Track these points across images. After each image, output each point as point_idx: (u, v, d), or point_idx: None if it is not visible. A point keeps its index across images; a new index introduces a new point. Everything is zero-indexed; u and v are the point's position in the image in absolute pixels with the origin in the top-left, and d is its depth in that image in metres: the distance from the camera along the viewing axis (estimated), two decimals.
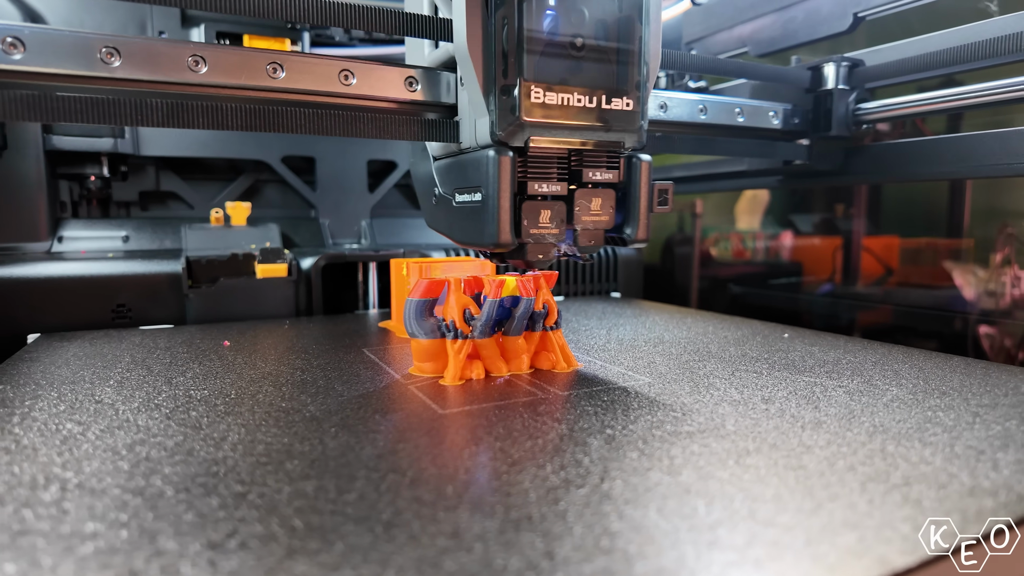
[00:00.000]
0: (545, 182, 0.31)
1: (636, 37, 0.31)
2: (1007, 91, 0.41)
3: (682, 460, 0.22)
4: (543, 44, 0.29)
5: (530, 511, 0.18)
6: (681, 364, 0.36)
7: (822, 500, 0.19)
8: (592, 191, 0.32)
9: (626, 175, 0.33)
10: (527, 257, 0.30)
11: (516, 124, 0.29)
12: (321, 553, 0.16)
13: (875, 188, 0.65)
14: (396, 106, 0.34)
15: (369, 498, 0.19)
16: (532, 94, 0.29)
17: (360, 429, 0.25)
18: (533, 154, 0.30)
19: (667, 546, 0.16)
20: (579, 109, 0.30)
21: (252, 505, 0.19)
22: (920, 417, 0.27)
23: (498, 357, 0.34)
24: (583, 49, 0.30)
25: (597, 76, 0.30)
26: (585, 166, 0.32)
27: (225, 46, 0.32)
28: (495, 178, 0.29)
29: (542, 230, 0.30)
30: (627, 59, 0.31)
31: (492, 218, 0.29)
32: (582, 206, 0.31)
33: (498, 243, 0.30)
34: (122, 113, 0.30)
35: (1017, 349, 0.54)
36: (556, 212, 0.31)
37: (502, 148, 0.30)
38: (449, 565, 0.15)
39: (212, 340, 0.43)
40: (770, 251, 0.78)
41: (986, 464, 0.22)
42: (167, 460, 0.22)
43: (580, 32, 0.30)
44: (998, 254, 0.56)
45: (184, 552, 0.16)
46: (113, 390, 0.31)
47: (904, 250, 0.63)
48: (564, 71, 0.30)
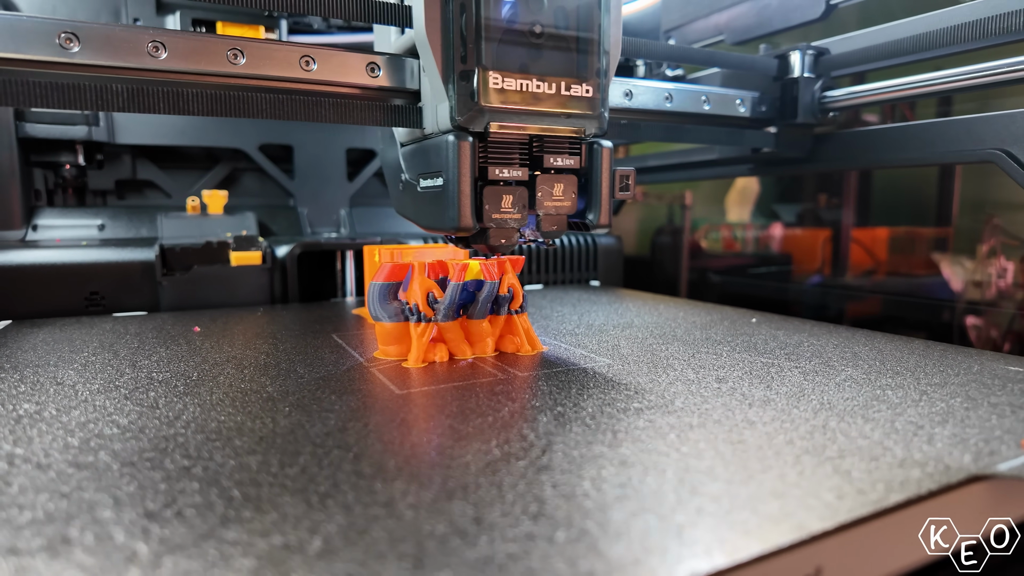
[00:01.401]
0: (506, 167, 0.31)
1: (596, 24, 0.31)
2: (970, 77, 0.41)
3: (625, 435, 0.22)
4: (502, 31, 0.29)
5: (467, 481, 0.19)
6: (644, 347, 0.37)
7: (754, 471, 0.19)
8: (554, 177, 0.32)
9: (588, 161, 0.33)
10: (490, 242, 0.31)
11: (475, 110, 0.29)
12: (253, 521, 0.16)
13: (864, 179, 0.66)
14: (359, 92, 0.34)
15: (310, 472, 0.19)
16: (491, 80, 0.29)
17: (314, 408, 0.25)
18: (494, 139, 0.31)
19: (593, 513, 0.17)
20: (539, 96, 0.30)
21: (195, 478, 0.19)
22: (869, 395, 0.27)
23: (462, 340, 0.35)
24: (543, 36, 0.30)
25: (557, 63, 0.31)
26: (546, 152, 0.32)
27: (185, 32, 0.32)
28: (455, 163, 0.29)
29: (504, 215, 0.31)
30: (587, 46, 0.31)
31: (452, 203, 0.30)
32: (544, 191, 0.32)
33: (459, 227, 0.30)
34: (82, 98, 0.30)
35: (1003, 339, 0.55)
36: (518, 197, 0.31)
37: (462, 133, 0.30)
38: (377, 532, 0.16)
39: (183, 326, 0.43)
40: (759, 242, 0.79)
41: (922, 438, 0.22)
42: (118, 437, 0.22)
43: (539, 19, 0.30)
44: (984, 245, 0.56)
45: (119, 520, 0.16)
46: (76, 372, 0.31)
47: (893, 240, 0.64)
48: (523, 58, 0.30)
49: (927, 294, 0.59)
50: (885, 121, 0.60)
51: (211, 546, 0.15)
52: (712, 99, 0.48)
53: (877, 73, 0.53)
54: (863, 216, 0.67)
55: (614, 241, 0.75)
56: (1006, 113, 0.41)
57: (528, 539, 0.15)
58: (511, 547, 0.15)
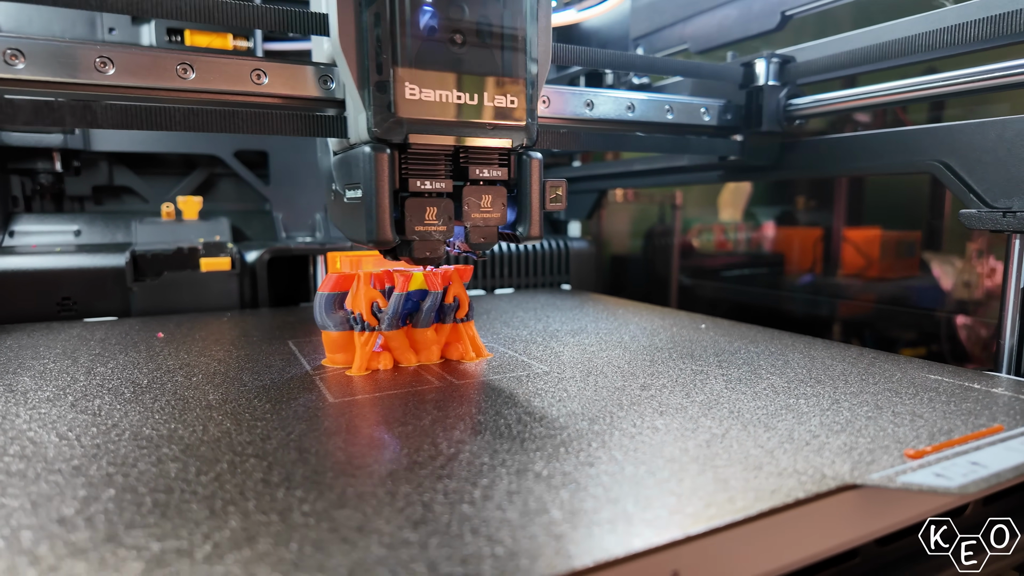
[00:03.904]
0: (429, 179, 0.31)
1: (521, 33, 0.31)
2: (931, 87, 0.42)
3: (531, 443, 0.24)
4: (420, 40, 0.29)
5: (363, 491, 0.20)
6: (586, 354, 0.38)
7: (639, 477, 0.21)
8: (481, 188, 0.32)
9: (517, 172, 0.33)
10: (414, 254, 0.31)
11: (392, 121, 0.29)
12: (155, 527, 0.18)
13: (856, 181, 0.66)
14: (302, 104, 0.35)
15: (222, 479, 0.21)
16: (407, 91, 0.29)
17: (245, 417, 0.27)
18: (414, 151, 0.31)
19: (469, 518, 0.18)
20: (460, 106, 0.30)
21: (114, 484, 0.20)
22: (781, 404, 0.28)
23: (407, 348, 0.36)
24: (464, 46, 0.30)
25: (480, 73, 0.30)
26: (472, 163, 0.32)
27: (134, 46, 0.33)
28: (370, 175, 0.29)
29: (428, 227, 0.31)
30: (512, 56, 0.31)
31: (371, 215, 0.30)
32: (471, 203, 0.32)
33: (377, 240, 0.30)
34: (22, 114, 0.31)
35: (992, 339, 0.56)
36: (443, 209, 0.31)
37: (380, 145, 0.30)
38: (264, 538, 0.17)
39: (148, 332, 0.45)
40: (751, 242, 0.79)
41: (812, 448, 0.23)
42: (53, 445, 0.24)
43: (460, 28, 0.30)
44: (974, 244, 0.57)
45: (30, 525, 0.18)
46: (31, 379, 0.32)
47: (884, 242, 0.65)
48: (444, 67, 0.29)
49: (927, 289, 0.60)
50: (879, 125, 0.61)
51: (109, 550, 0.17)
52: (676, 108, 0.49)
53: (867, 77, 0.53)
54: (855, 217, 0.67)
55: (587, 245, 0.76)
56: (944, 125, 0.42)
57: (403, 545, 0.17)
58: (382, 552, 0.16)
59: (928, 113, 0.58)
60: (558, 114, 0.45)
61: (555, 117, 0.45)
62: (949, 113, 0.54)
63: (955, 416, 0.27)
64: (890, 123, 0.61)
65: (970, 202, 0.40)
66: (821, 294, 0.68)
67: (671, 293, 0.86)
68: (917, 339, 0.61)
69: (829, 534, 0.21)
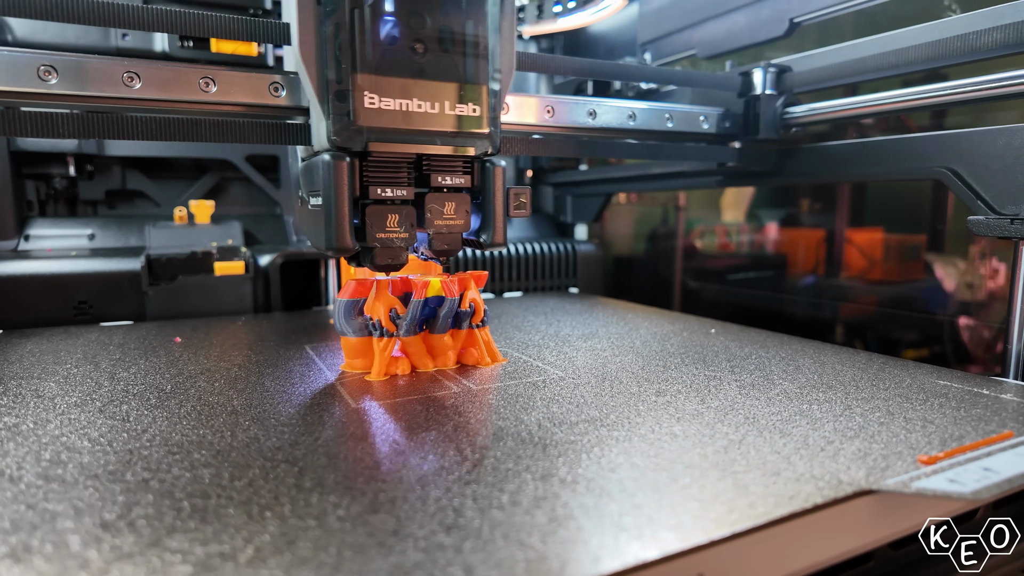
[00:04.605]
0: (390, 186, 0.31)
1: (483, 40, 0.31)
2: (933, 96, 0.42)
3: (553, 448, 0.24)
4: (380, 49, 0.29)
5: (395, 495, 0.21)
6: (599, 359, 0.39)
7: (660, 484, 0.21)
8: (444, 195, 0.33)
9: (481, 180, 0.33)
10: (376, 261, 0.31)
11: (352, 130, 0.29)
12: (196, 531, 0.18)
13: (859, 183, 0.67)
14: (262, 111, 0.35)
15: (256, 484, 0.21)
16: (366, 100, 0.29)
17: (272, 423, 0.27)
18: (375, 159, 0.31)
19: (500, 524, 0.19)
20: (421, 115, 0.30)
21: (150, 490, 0.21)
22: (794, 410, 0.29)
23: (424, 354, 0.37)
24: (426, 55, 0.30)
25: (441, 82, 0.30)
26: (435, 171, 0.32)
27: (79, 56, 0.32)
28: (329, 183, 0.29)
29: (390, 234, 0.31)
30: (474, 63, 0.31)
31: (330, 222, 0.30)
32: (434, 210, 0.32)
33: (336, 247, 0.30)
34: (61, 127, 0.31)
35: (995, 339, 0.56)
36: (405, 216, 0.31)
37: (339, 153, 0.30)
38: (303, 542, 0.18)
39: (165, 337, 0.45)
40: (754, 243, 0.80)
41: (828, 454, 0.24)
42: (88, 450, 0.24)
43: (421, 37, 0.30)
44: (976, 246, 0.58)
45: (76, 530, 0.18)
46: (57, 385, 0.33)
47: (887, 243, 0.65)
48: (404, 76, 0.30)
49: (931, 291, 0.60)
50: (881, 128, 0.61)
51: (155, 554, 0.17)
52: (676, 116, 0.50)
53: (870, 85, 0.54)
54: (857, 219, 0.68)
55: (594, 248, 0.77)
56: (951, 133, 0.42)
57: (438, 549, 0.17)
58: (419, 556, 0.17)
59: (930, 120, 0.58)
60: (562, 123, 0.46)
61: (559, 126, 0.46)
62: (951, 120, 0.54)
63: (965, 422, 0.27)
64: (892, 127, 0.62)
65: (978, 209, 0.40)
66: (823, 296, 0.69)
67: (674, 294, 0.87)
68: (919, 340, 0.61)
69: (846, 538, 0.21)
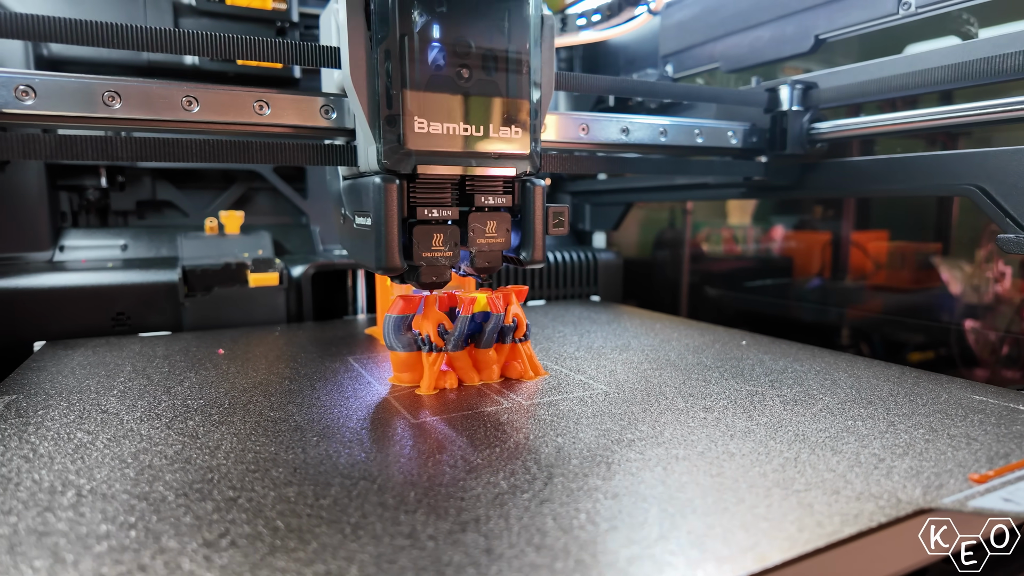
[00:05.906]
0: (436, 207, 0.32)
1: (525, 65, 0.32)
2: (944, 117, 0.43)
3: (617, 467, 0.25)
4: (428, 75, 0.30)
5: (478, 513, 0.21)
6: (639, 373, 0.39)
7: (729, 504, 0.22)
8: (487, 214, 0.34)
9: (521, 199, 0.35)
10: (421, 279, 0.32)
11: (402, 153, 0.30)
12: (298, 551, 0.19)
13: None
14: (309, 132, 0.36)
15: (341, 503, 0.22)
16: (416, 125, 0.30)
17: (338, 438, 0.28)
18: (423, 181, 0.32)
19: (587, 545, 0.20)
20: (466, 138, 0.31)
21: (241, 508, 0.22)
22: (840, 426, 0.30)
23: (470, 368, 0.38)
24: (470, 80, 0.31)
25: (486, 105, 0.32)
26: (478, 191, 0.33)
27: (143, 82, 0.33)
28: (380, 205, 0.30)
29: (435, 253, 0.32)
30: (517, 88, 0.32)
31: (380, 243, 0.31)
32: (477, 229, 0.33)
33: (386, 267, 0.31)
34: (12, 148, 0.31)
35: (1001, 343, 0.57)
36: (449, 235, 0.32)
37: (389, 176, 0.31)
38: (403, 561, 0.19)
39: (207, 348, 0.46)
40: (760, 246, 0.81)
41: (881, 471, 0.25)
42: (168, 467, 0.25)
43: (466, 62, 0.31)
44: (982, 250, 0.59)
45: (183, 550, 0.19)
46: (117, 400, 0.34)
47: (892, 248, 0.66)
48: (451, 100, 0.31)
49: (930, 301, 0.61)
50: None
51: (265, 574, 0.18)
52: (705, 132, 0.51)
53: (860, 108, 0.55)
54: (863, 222, 0.69)
55: (614, 256, 0.78)
56: (980, 151, 0.43)
57: (532, 569, 0.18)
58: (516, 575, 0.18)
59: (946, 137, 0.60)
60: (596, 140, 0.47)
61: (594, 143, 0.47)
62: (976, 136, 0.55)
63: (1008, 439, 0.28)
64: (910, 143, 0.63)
65: (1007, 227, 0.41)
66: (829, 301, 0.70)
67: (681, 298, 0.88)
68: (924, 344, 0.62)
69: (906, 555, 0.22)
